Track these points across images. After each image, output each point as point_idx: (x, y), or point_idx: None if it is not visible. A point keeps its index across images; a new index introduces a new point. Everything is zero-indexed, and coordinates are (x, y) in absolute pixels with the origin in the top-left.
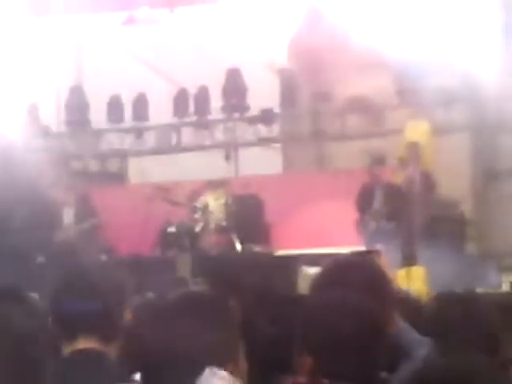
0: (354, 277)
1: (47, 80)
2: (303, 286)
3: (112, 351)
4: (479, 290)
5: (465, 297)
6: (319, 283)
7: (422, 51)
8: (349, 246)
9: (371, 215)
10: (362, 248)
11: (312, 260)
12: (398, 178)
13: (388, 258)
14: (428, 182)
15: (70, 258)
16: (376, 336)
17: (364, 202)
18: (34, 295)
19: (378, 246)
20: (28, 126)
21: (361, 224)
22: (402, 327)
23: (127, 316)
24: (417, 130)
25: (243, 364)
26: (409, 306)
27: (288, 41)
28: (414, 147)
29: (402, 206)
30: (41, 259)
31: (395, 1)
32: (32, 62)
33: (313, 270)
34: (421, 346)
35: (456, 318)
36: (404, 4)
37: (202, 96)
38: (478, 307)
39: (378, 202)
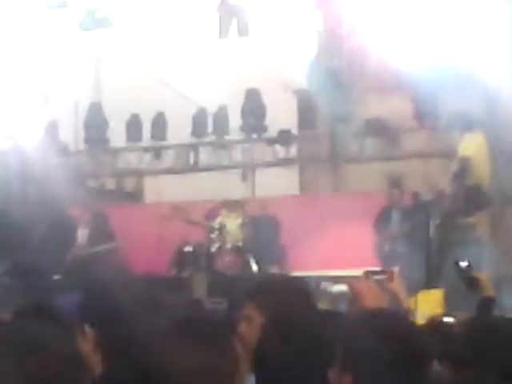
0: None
1: (66, 98)
2: (324, 303)
3: None
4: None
5: (499, 322)
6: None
7: (440, 74)
8: (365, 267)
9: (387, 237)
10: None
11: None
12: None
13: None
14: (479, 196)
15: (86, 276)
16: (418, 361)
17: (381, 223)
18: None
19: (395, 268)
20: (46, 143)
21: (377, 245)
22: None
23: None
24: (471, 143)
25: None
26: (440, 331)
27: (307, 62)
28: (464, 161)
29: (420, 228)
30: (57, 277)
31: (415, 24)
32: (51, 80)
33: (335, 288)
34: None
35: (491, 344)
36: (423, 27)
37: (221, 116)
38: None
39: (394, 224)
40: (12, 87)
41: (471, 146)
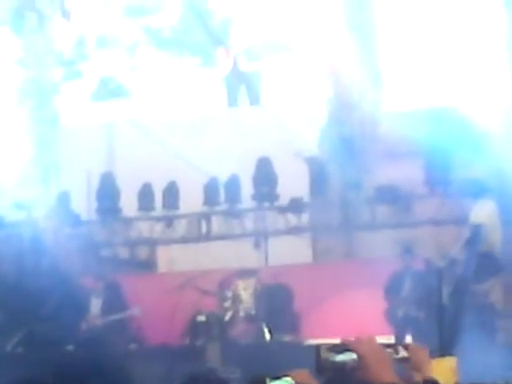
0: None
1: (78, 167)
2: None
3: None
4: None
5: None
6: None
7: (451, 141)
8: (378, 335)
9: (400, 303)
10: (391, 338)
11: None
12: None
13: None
14: (490, 263)
15: (100, 347)
16: None
17: (393, 288)
18: None
19: (408, 338)
20: (58, 213)
21: (389, 312)
22: None
23: None
24: (483, 210)
25: None
26: None
27: (318, 130)
28: (476, 228)
29: (433, 294)
30: (70, 347)
31: (425, 90)
32: (63, 149)
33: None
34: None
35: None
36: (433, 92)
37: (233, 185)
38: None
39: (405, 290)
40: (24, 156)
41: (483, 213)
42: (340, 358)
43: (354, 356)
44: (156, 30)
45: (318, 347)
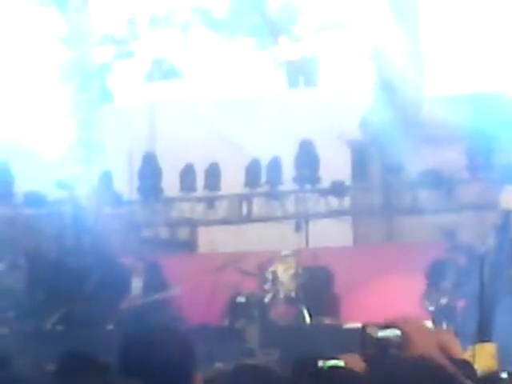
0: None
1: (121, 147)
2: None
3: None
4: None
5: None
6: None
7: (494, 126)
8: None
9: (440, 291)
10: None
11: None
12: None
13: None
14: None
15: (139, 325)
16: None
17: (434, 277)
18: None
19: (444, 324)
20: (100, 193)
21: (429, 299)
22: None
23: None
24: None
25: None
26: None
27: (361, 113)
28: (506, 215)
29: (475, 282)
30: (110, 326)
31: (470, 74)
32: (106, 129)
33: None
34: None
35: None
36: (478, 77)
37: (274, 167)
38: None
39: (448, 278)
40: (67, 136)
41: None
42: (384, 334)
43: (398, 333)
44: (208, 11)
45: (364, 325)
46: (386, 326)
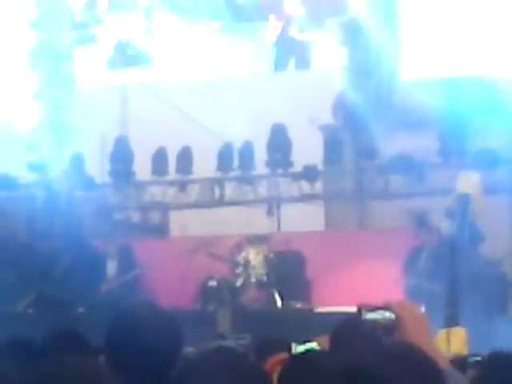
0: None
1: (92, 130)
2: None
3: None
4: None
5: None
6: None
7: (466, 111)
8: None
9: (414, 275)
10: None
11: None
12: (444, 229)
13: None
14: (476, 233)
15: (111, 309)
16: None
17: (406, 261)
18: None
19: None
20: (72, 176)
21: (403, 283)
22: None
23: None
24: (468, 181)
25: None
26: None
27: (333, 97)
28: (463, 199)
29: (446, 266)
30: (81, 309)
31: (440, 60)
32: (78, 112)
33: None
34: None
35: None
36: (448, 61)
37: (247, 151)
38: None
39: (421, 263)
40: (38, 118)
41: (468, 183)
42: (372, 316)
43: (390, 316)
44: None
45: (359, 307)
46: (379, 308)
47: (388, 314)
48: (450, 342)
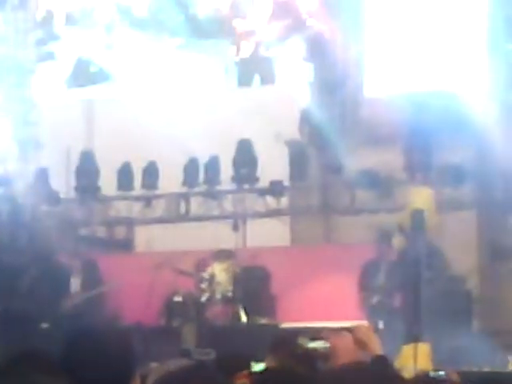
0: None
1: (58, 145)
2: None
3: None
4: (485, 368)
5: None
6: None
7: (432, 126)
8: (351, 320)
9: (374, 290)
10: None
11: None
12: (399, 245)
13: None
14: (432, 249)
15: (75, 324)
16: None
17: (368, 277)
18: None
19: (380, 323)
20: (37, 190)
21: (363, 299)
22: None
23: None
24: (421, 197)
25: None
26: None
27: (299, 113)
28: (417, 215)
29: (407, 281)
30: (45, 325)
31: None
32: (43, 126)
33: (312, 344)
34: None
35: None
36: (414, 78)
37: (212, 166)
38: None
39: (381, 278)
40: (3, 134)
41: (420, 199)
42: (315, 345)
43: (326, 345)
44: (129, 9)
45: (294, 333)
46: (319, 338)
47: (324, 344)
48: (415, 358)
